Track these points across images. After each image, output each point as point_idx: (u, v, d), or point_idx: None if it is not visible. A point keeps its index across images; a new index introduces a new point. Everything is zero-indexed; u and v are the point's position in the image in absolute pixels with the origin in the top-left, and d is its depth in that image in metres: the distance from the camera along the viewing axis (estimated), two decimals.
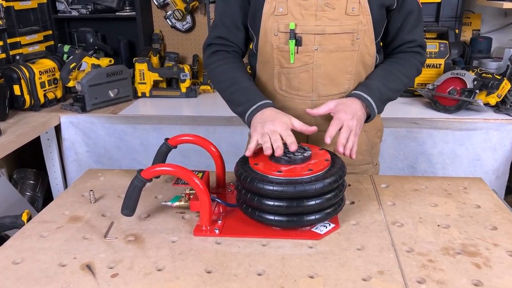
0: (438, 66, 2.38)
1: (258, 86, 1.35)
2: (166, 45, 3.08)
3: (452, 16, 2.54)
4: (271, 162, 1.07)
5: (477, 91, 2.09)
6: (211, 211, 1.07)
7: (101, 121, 2.29)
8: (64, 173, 2.47)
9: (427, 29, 2.48)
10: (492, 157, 2.10)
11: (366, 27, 1.21)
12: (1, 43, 2.43)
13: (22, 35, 2.54)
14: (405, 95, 2.45)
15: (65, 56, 2.65)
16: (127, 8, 2.94)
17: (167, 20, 2.97)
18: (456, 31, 2.51)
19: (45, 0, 2.77)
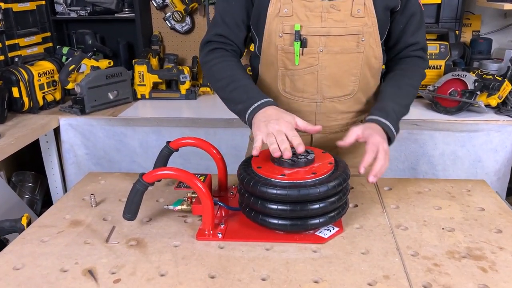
0: (439, 68, 2.37)
1: (261, 89, 1.34)
2: (165, 47, 3.07)
3: (452, 17, 2.53)
4: (274, 165, 1.05)
5: (478, 93, 2.08)
6: (214, 215, 1.06)
7: (101, 123, 2.27)
8: (63, 176, 2.45)
9: (427, 31, 2.46)
10: (493, 159, 2.10)
11: (372, 29, 1.21)
12: (0, 45, 2.42)
13: (21, 37, 2.53)
14: None
15: (64, 58, 2.64)
16: (126, 10, 2.92)
17: (166, 22, 2.95)
18: (456, 32, 2.50)
19: (44, 2, 2.75)
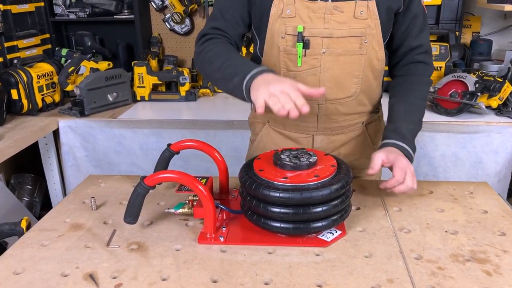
0: (439, 69, 2.37)
1: None
2: (165, 48, 3.06)
3: (452, 19, 2.53)
4: (276, 168, 1.05)
5: (479, 94, 2.08)
6: (216, 218, 1.05)
7: (100, 126, 2.26)
8: (63, 178, 2.44)
9: None
10: (494, 160, 2.10)
11: (375, 31, 1.20)
12: None
13: (19, 39, 2.52)
14: None
15: (63, 60, 2.63)
16: (126, 11, 2.91)
17: (166, 23, 2.95)
18: (457, 34, 2.50)
19: (43, 3, 2.74)
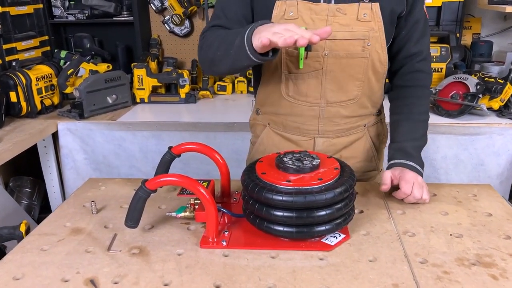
0: (440, 70, 2.37)
1: (264, 92, 1.32)
2: (164, 50, 3.05)
3: (453, 20, 2.53)
4: (279, 171, 1.03)
5: (480, 96, 2.07)
6: (218, 222, 1.04)
7: (100, 128, 2.25)
8: (62, 181, 2.43)
9: None
10: (496, 162, 2.09)
11: (378, 34, 1.19)
12: None
13: (18, 41, 2.50)
14: None
15: (62, 62, 2.62)
16: (125, 13, 2.91)
17: (165, 25, 2.94)
18: (457, 35, 2.50)
19: (42, 5, 2.73)
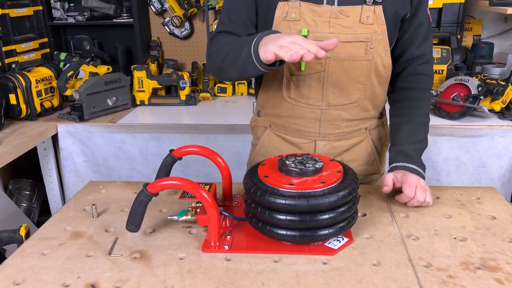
0: (441, 72, 2.36)
1: (265, 94, 1.31)
2: (164, 52, 3.04)
3: (454, 22, 2.53)
4: (282, 174, 1.02)
5: (482, 97, 2.07)
6: (220, 226, 1.03)
7: (100, 130, 2.24)
8: (61, 184, 2.41)
9: None
10: (498, 164, 2.08)
11: (381, 37, 1.18)
12: None
13: (18, 43, 2.49)
14: None
15: (62, 64, 2.60)
16: (125, 15, 2.90)
17: (165, 27, 2.93)
18: (458, 37, 2.49)
19: (41, 7, 2.72)
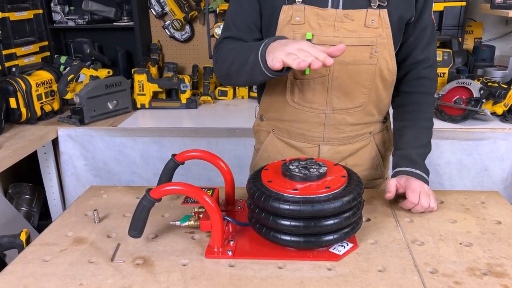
0: (442, 75, 2.35)
1: (268, 98, 1.31)
2: (165, 55, 3.04)
3: (455, 25, 2.52)
4: (285, 179, 1.01)
5: (484, 101, 2.06)
6: (224, 231, 1.02)
7: (100, 134, 2.23)
8: (62, 188, 2.40)
9: None
10: (500, 167, 2.07)
11: (386, 41, 1.17)
12: None
13: (18, 46, 2.49)
14: None
15: (62, 68, 2.60)
16: (125, 18, 2.89)
17: (166, 30, 2.93)
18: (459, 40, 2.49)
19: (41, 11, 2.71)
